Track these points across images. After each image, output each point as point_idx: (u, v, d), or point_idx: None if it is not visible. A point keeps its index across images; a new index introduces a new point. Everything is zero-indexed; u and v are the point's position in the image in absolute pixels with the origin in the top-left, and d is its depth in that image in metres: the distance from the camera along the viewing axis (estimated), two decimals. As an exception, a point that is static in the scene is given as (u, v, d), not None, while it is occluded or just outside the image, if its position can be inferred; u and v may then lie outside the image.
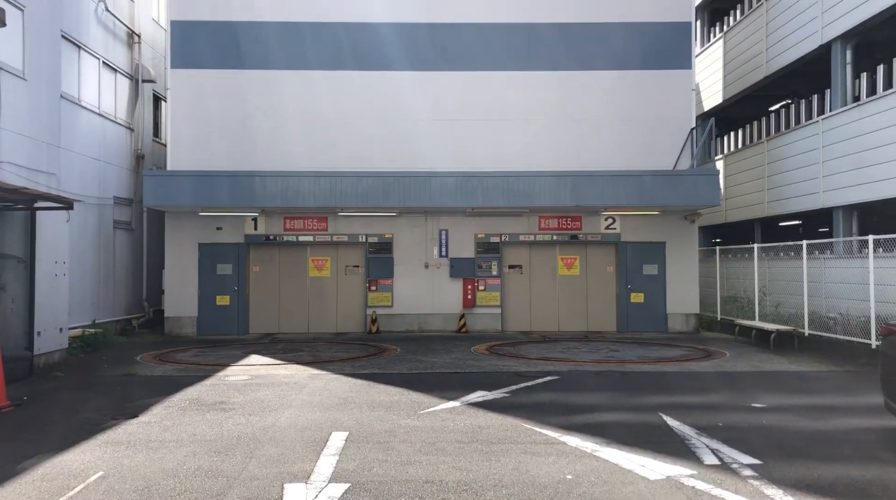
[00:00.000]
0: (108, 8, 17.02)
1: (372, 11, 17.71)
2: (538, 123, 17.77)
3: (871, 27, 15.07)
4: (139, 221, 18.60)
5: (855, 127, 15.10)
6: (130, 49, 18.46)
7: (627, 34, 17.91)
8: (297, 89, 17.62)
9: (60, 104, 14.93)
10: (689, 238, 18.19)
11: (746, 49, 20.09)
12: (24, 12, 13.56)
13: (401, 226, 17.97)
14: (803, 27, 17.19)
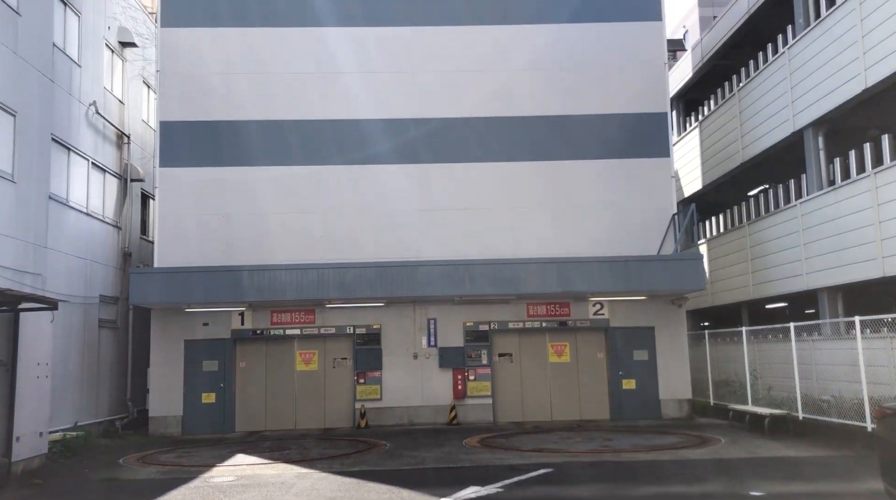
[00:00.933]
0: (98, 111, 17.40)
1: (360, 108, 18.12)
2: (524, 211, 18.02)
3: (841, 115, 15.61)
4: (125, 319, 18.44)
5: (832, 210, 15.41)
6: (120, 149, 18.77)
7: (608, 125, 18.43)
8: (283, 184, 17.86)
9: (49, 205, 15.07)
10: (678, 323, 18.20)
11: (722, 137, 20.70)
12: (16, 117, 13.85)
13: (389, 316, 17.91)
14: (775, 115, 17.78)
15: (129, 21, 19.43)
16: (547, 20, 18.76)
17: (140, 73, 20.19)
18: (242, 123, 18.05)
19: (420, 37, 18.50)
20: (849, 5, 14.90)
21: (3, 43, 13.53)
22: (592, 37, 18.75)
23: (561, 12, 18.79)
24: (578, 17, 18.83)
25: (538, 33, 18.69)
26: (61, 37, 15.97)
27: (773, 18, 18.97)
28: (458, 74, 18.40)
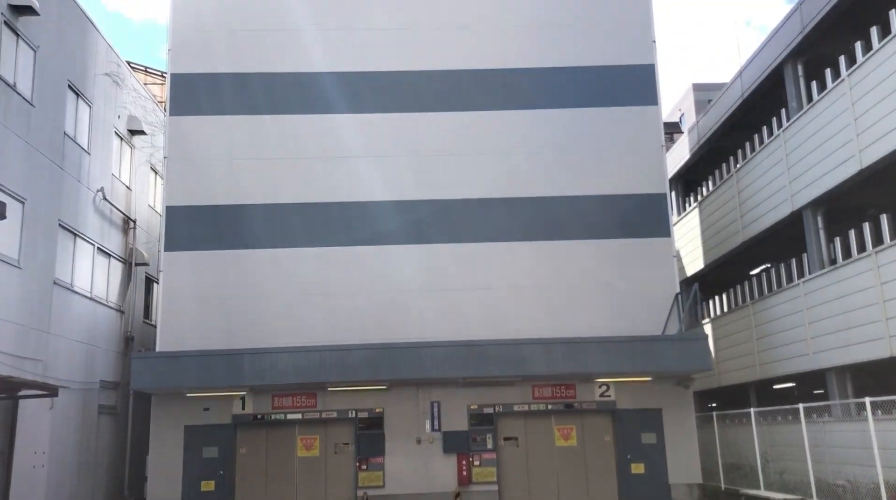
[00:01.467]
0: (105, 197, 17.68)
1: (365, 190, 18.30)
2: (527, 290, 18.01)
3: (838, 194, 15.79)
4: (125, 405, 18.22)
5: (836, 289, 15.40)
6: (125, 234, 18.97)
7: (609, 205, 18.60)
8: (287, 266, 17.92)
9: (53, 290, 15.12)
10: (685, 404, 17.91)
11: (722, 216, 20.89)
12: (24, 204, 14.07)
13: (391, 400, 17.66)
14: (774, 195, 18.00)
15: (139, 110, 19.96)
16: (548, 105, 19.20)
17: (148, 159, 20.60)
18: (247, 207, 18.26)
19: (426, 121, 18.89)
20: (840, 89, 15.29)
21: (17, 133, 13.88)
22: (592, 121, 19.16)
23: (561, 98, 19.26)
24: (578, 103, 19.28)
25: (540, 118, 19.12)
26: (72, 126, 16.38)
27: (767, 101, 19.45)
28: (463, 157, 18.72)
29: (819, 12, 16.21)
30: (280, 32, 18.91)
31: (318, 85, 18.85)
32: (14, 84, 13.90)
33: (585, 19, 19.48)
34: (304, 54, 18.82)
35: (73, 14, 16.68)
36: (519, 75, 19.31)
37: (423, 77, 19.08)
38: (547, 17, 19.48)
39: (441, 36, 19.24)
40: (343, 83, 18.88)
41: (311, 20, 18.94)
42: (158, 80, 23.98)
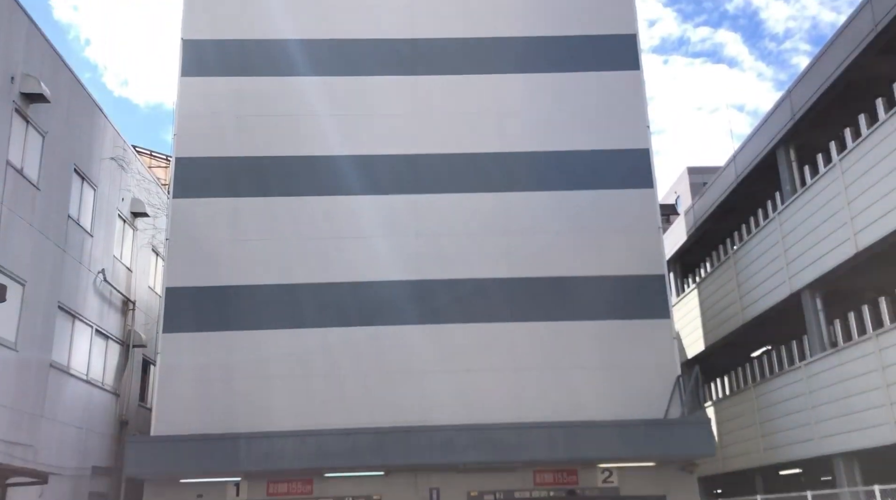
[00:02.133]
0: (106, 279, 17.74)
1: (380, 270, 18.23)
2: (526, 372, 17.83)
3: (836, 277, 15.87)
4: (117, 491, 17.78)
5: (837, 372, 15.28)
6: (124, 316, 18.94)
7: (608, 286, 18.62)
8: (293, 347, 17.72)
9: (49, 373, 14.99)
10: (690, 490, 17.48)
11: (721, 298, 20.91)
12: (25, 286, 14.11)
13: (390, 486, 17.23)
14: (772, 277, 18.08)
15: (143, 193, 20.26)
16: (547, 188, 19.48)
17: (150, 241, 20.77)
18: (251, 288, 18.24)
19: (427, 202, 19.10)
20: (831, 174, 15.58)
21: (21, 216, 14.05)
22: (590, 203, 19.40)
23: (560, 180, 19.55)
24: (576, 186, 19.56)
25: (538, 199, 19.37)
26: (77, 208, 16.60)
27: (761, 185, 19.78)
28: (466, 237, 18.83)
29: (808, 100, 16.68)
30: (287, 117, 19.30)
31: (330, 167, 19.08)
32: (21, 169, 14.16)
33: (581, 106, 20.00)
34: (315, 138, 19.13)
35: (82, 100, 17.13)
36: (518, 159, 19.67)
37: (429, 160, 19.43)
38: (545, 105, 20.00)
39: (448, 122, 19.67)
40: (356, 165, 19.16)
41: (322, 105, 19.33)
42: (163, 164, 24.43)
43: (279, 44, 19.73)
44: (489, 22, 20.34)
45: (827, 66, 15.96)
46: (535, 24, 20.32)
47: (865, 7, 14.53)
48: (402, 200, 19.11)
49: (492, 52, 20.19)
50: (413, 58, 20.06)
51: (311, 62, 19.76)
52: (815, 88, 16.36)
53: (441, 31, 20.26)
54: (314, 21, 20.10)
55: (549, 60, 20.16)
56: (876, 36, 14.27)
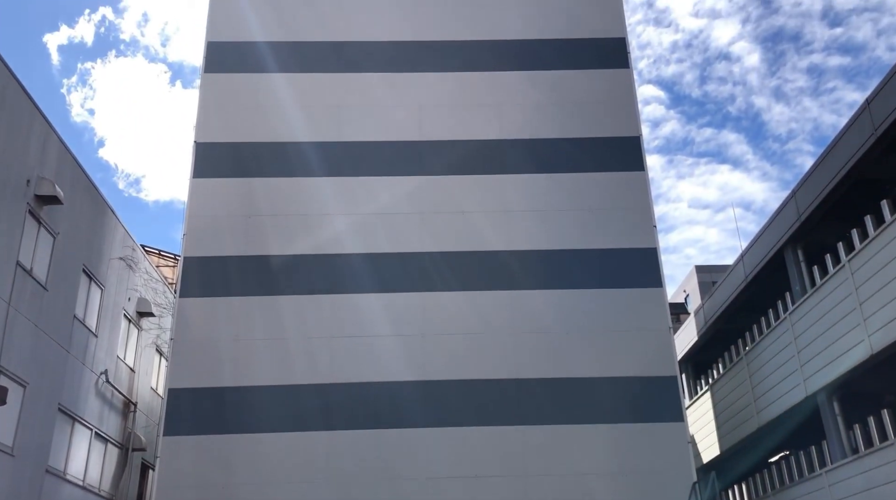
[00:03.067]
0: (108, 380, 17.50)
1: (391, 371, 17.91)
2: (536, 479, 17.21)
3: (852, 380, 15.51)
4: None
5: (861, 480, 14.70)
6: (125, 418, 18.57)
7: (618, 389, 18.18)
8: (299, 451, 17.18)
9: (44, 479, 14.56)
10: None
11: (735, 400, 20.42)
12: (26, 388, 13.90)
13: None
14: (786, 379, 17.69)
15: (150, 292, 20.27)
16: (554, 286, 19.38)
17: (154, 341, 20.62)
18: (254, 389, 17.89)
19: (439, 301, 18.98)
20: (841, 275, 15.48)
21: (27, 316, 14.00)
22: (598, 302, 19.24)
23: (568, 279, 19.48)
24: (584, 284, 19.46)
25: (546, 298, 19.24)
26: (83, 309, 16.56)
27: (772, 284, 19.66)
28: (472, 337, 18.61)
29: (813, 201, 16.79)
30: (297, 217, 19.45)
31: (339, 265, 19.09)
32: (31, 269, 14.22)
33: (588, 205, 20.18)
34: (324, 237, 19.18)
35: (94, 201, 17.39)
36: (526, 257, 19.70)
37: (436, 258, 19.45)
38: (552, 203, 20.21)
39: (456, 220, 19.81)
40: (364, 263, 19.16)
41: (332, 204, 19.51)
42: (170, 263, 24.58)
43: (291, 146, 20.15)
44: (495, 124, 20.83)
45: (830, 168, 16.14)
46: (540, 126, 20.78)
47: (864, 113, 14.82)
48: (409, 298, 19.02)
49: (498, 152, 20.56)
50: (421, 158, 20.45)
51: (321, 162, 20.12)
52: (820, 190, 16.49)
53: (448, 133, 20.73)
54: (327, 124, 20.59)
55: (555, 160, 20.48)
56: (876, 140, 14.48)
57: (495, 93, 21.02)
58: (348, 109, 20.88)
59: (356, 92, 20.79)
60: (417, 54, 21.50)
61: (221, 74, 20.70)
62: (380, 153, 20.53)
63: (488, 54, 21.28)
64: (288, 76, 20.73)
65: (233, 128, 20.40)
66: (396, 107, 20.96)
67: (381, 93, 20.86)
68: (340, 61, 21.05)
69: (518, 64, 21.07)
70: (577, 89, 20.89)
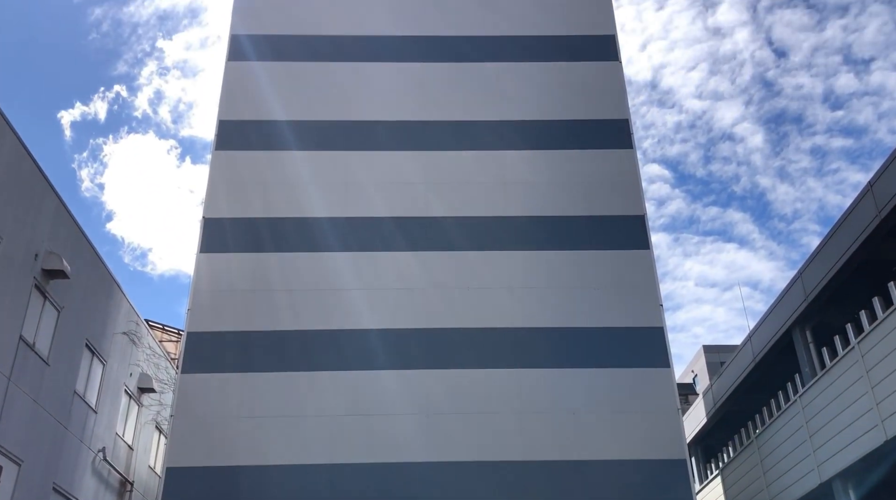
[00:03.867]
0: (105, 457, 17.16)
1: (401, 450, 17.50)
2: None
3: (868, 466, 15.09)
4: None
5: (880, 573, 14.13)
6: (121, 498, 18.12)
7: (625, 471, 17.74)
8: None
9: (33, 562, 14.10)
10: None
11: (747, 486, 19.85)
12: (21, 466, 13.61)
13: None
14: (799, 465, 17.23)
15: (152, 367, 20.10)
16: (560, 365, 19.06)
17: (154, 417, 20.32)
18: (261, 468, 17.39)
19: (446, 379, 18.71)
20: (851, 357, 15.27)
21: (26, 392, 13.84)
22: (605, 382, 18.89)
23: (574, 358, 19.21)
24: (590, 363, 19.18)
25: (552, 377, 18.93)
26: (83, 384, 16.39)
27: (780, 365, 19.40)
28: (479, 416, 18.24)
29: (819, 282, 16.73)
30: (309, 292, 19.34)
31: (352, 341, 18.89)
32: (33, 344, 14.14)
33: (594, 284, 20.13)
34: (333, 312, 19.08)
35: (100, 276, 17.45)
36: (529, 335, 19.55)
37: (444, 335, 19.31)
38: (555, 281, 20.18)
39: (463, 297, 19.72)
40: (375, 339, 19.01)
41: (344, 279, 19.45)
42: (174, 338, 24.47)
43: (299, 221, 20.32)
44: (501, 201, 21.01)
45: (836, 249, 16.15)
46: (546, 204, 20.94)
47: (867, 195, 14.92)
48: (416, 376, 18.76)
49: (504, 229, 20.67)
50: (427, 234, 20.56)
51: (330, 238, 20.22)
52: (826, 270, 16.46)
53: (455, 210, 20.90)
54: (335, 200, 20.79)
55: (560, 238, 20.55)
56: (881, 222, 14.52)
57: (502, 171, 21.27)
58: (357, 186, 21.15)
59: (365, 169, 21.08)
60: (425, 133, 21.90)
61: (231, 152, 21.08)
62: (388, 229, 20.66)
63: (495, 133, 21.65)
64: (297, 153, 21.07)
65: (241, 203, 20.60)
66: (405, 184, 21.22)
67: (390, 170, 21.16)
68: (350, 139, 21.44)
69: (524, 143, 21.42)
70: (582, 168, 21.14)
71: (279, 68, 21.62)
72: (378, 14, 22.69)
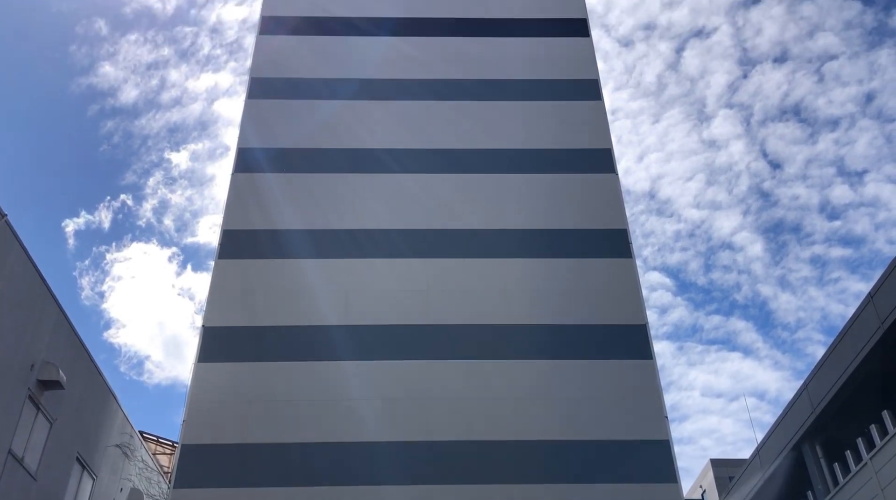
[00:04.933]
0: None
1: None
2: None
3: None
4: None
5: None
6: None
7: None
8: None
9: None
10: None
11: None
12: None
13: None
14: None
15: (143, 482, 19.49)
16: (558, 481, 18.50)
17: (143, 535, 19.54)
18: None
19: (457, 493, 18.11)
20: (864, 473, 14.84)
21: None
22: (607, 498, 18.37)
23: (572, 474, 18.57)
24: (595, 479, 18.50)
25: (556, 493, 18.32)
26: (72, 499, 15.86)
27: (791, 480, 18.82)
28: None
29: (826, 395, 16.47)
30: (307, 403, 18.97)
31: (352, 456, 18.39)
32: (22, 458, 13.78)
33: (595, 394, 19.77)
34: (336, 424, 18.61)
35: (96, 386, 17.20)
36: (529, 448, 19.03)
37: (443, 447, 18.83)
38: (557, 392, 19.84)
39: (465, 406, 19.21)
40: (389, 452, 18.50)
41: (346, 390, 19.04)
42: (168, 450, 23.86)
43: (299, 330, 20.14)
44: (501, 309, 20.91)
45: (840, 362, 15.99)
46: (546, 312, 20.81)
47: (868, 306, 14.92)
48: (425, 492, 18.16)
49: (504, 338, 20.49)
50: (426, 343, 20.37)
51: (330, 347, 19.91)
52: (832, 383, 16.25)
53: (455, 318, 20.82)
54: (335, 309, 20.69)
55: (561, 347, 20.29)
56: (884, 333, 14.46)
57: (503, 279, 21.32)
58: (357, 294, 21.13)
59: (365, 277, 21.16)
60: (427, 241, 22.07)
61: (234, 260, 21.20)
62: (387, 337, 20.48)
63: (495, 241, 21.81)
64: (299, 262, 21.17)
65: (241, 312, 20.47)
66: (406, 291, 21.20)
67: (391, 277, 21.21)
68: (352, 247, 21.60)
69: (525, 252, 21.53)
70: (582, 277, 21.15)
71: (285, 180, 22.06)
72: (383, 128, 23.37)
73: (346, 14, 24.76)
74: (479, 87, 23.89)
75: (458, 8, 24.96)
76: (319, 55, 23.76)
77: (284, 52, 23.76)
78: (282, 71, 23.42)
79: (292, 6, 24.96)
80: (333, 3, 24.96)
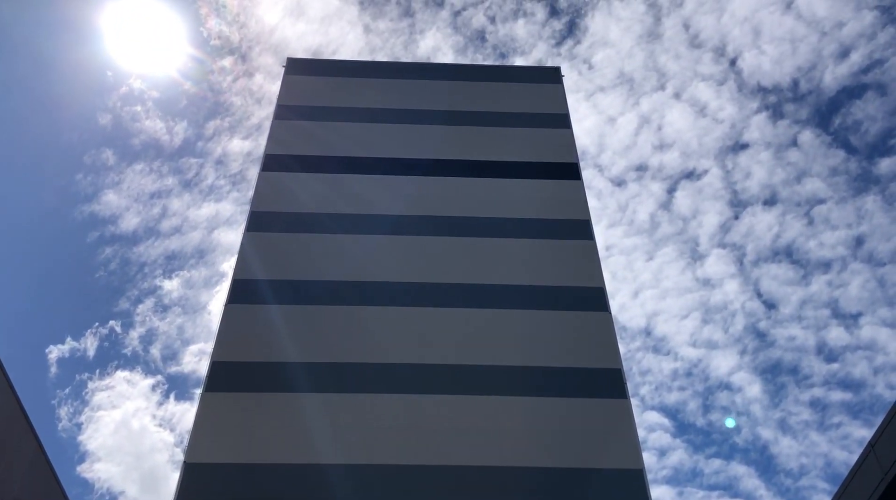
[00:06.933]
0: None
1: None
2: None
3: None
4: None
5: None
6: None
7: None
8: None
9: None
10: None
11: None
12: None
13: None
14: None
15: None
16: None
17: None
18: None
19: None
20: None
21: None
22: None
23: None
24: None
25: None
26: None
27: None
28: None
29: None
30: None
31: None
32: None
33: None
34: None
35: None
36: None
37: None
38: None
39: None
40: None
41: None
42: None
43: (284, 468, 19.46)
44: (495, 450, 20.26)
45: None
46: (539, 454, 20.24)
47: (869, 456, 14.58)
48: None
49: (498, 480, 19.67)
50: (416, 486, 19.70)
51: (317, 486, 19.28)
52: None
53: (447, 459, 20.21)
54: (325, 446, 20.09)
55: (553, 493, 19.58)
56: (888, 485, 14.04)
57: (495, 418, 20.88)
58: (348, 429, 20.55)
59: (355, 413, 20.69)
60: (416, 377, 21.73)
61: (221, 393, 20.74)
62: (379, 477, 19.78)
63: (488, 379, 21.54)
64: (287, 396, 20.75)
65: (227, 448, 19.88)
66: (392, 428, 20.67)
67: (379, 414, 20.72)
68: (342, 382, 21.23)
69: (518, 390, 21.27)
70: (576, 417, 20.76)
71: (279, 311, 22.03)
72: (377, 261, 23.59)
73: (349, 154, 25.64)
74: (475, 224, 24.39)
75: (455, 150, 25.93)
76: (320, 191, 24.36)
77: (285, 187, 24.38)
78: (281, 205, 23.94)
79: (295, 145, 25.89)
80: (337, 144, 25.91)
